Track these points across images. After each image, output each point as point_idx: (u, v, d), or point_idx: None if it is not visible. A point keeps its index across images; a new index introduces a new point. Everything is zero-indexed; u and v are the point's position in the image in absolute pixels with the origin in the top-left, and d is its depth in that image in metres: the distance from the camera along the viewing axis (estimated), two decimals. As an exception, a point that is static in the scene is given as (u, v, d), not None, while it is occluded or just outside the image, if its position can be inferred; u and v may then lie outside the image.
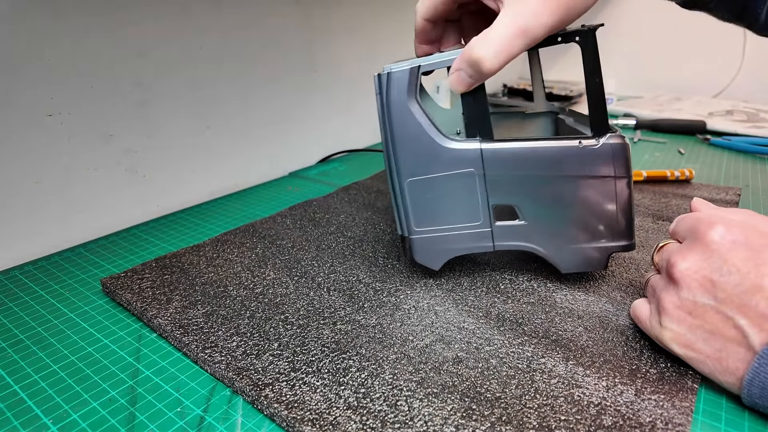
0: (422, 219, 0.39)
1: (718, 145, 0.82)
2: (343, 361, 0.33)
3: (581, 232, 0.38)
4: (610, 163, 0.36)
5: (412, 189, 0.38)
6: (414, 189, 0.38)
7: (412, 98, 0.37)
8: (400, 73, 0.37)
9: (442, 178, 0.38)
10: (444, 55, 0.37)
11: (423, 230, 0.39)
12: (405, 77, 0.37)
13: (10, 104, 0.47)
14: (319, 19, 0.76)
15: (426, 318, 0.37)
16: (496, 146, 0.37)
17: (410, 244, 0.40)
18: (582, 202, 0.37)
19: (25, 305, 0.42)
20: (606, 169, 0.36)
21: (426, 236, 0.39)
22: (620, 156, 0.36)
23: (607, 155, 0.36)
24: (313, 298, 0.40)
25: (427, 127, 0.37)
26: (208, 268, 0.45)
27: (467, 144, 0.37)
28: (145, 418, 0.30)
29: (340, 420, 0.28)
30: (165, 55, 0.58)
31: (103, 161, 0.55)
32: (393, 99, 0.37)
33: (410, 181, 0.38)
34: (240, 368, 0.32)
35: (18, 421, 0.30)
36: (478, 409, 0.28)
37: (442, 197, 0.38)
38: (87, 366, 0.34)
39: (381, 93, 0.37)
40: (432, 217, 0.39)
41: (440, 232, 0.39)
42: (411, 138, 0.37)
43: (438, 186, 0.38)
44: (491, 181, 0.38)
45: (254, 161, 0.72)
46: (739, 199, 0.58)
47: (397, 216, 0.40)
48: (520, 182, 0.37)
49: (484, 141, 0.37)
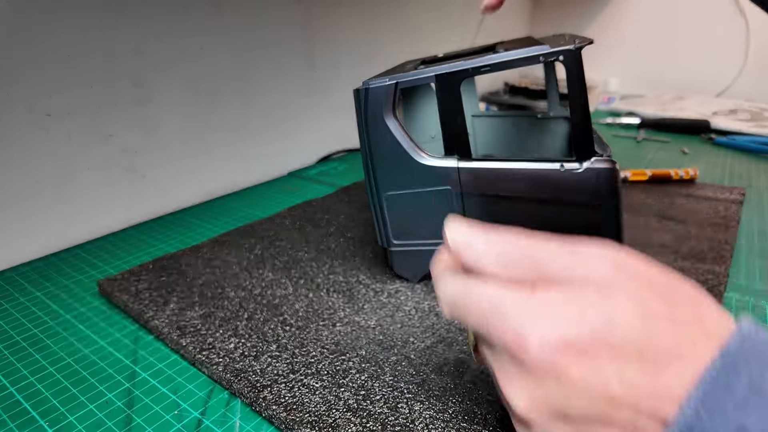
0: (400, 232, 0.40)
1: (721, 145, 0.81)
2: (342, 362, 0.32)
3: None
4: (597, 190, 0.34)
5: (391, 202, 0.39)
6: (392, 202, 0.39)
7: (389, 113, 0.37)
8: (378, 88, 0.37)
9: (419, 194, 0.38)
10: (423, 72, 0.36)
11: (401, 243, 0.40)
12: (383, 92, 0.37)
13: (10, 104, 0.46)
14: (319, 19, 0.75)
15: (427, 319, 0.36)
16: (473, 165, 0.36)
17: (390, 255, 0.41)
18: (565, 228, 0.33)
19: (22, 306, 0.41)
20: (593, 196, 0.34)
21: (404, 249, 0.40)
22: (606, 182, 0.33)
23: (591, 180, 0.33)
24: (313, 299, 0.39)
25: (405, 143, 0.37)
26: (205, 270, 0.44)
27: (444, 162, 0.37)
28: (142, 420, 0.29)
29: (340, 422, 0.27)
30: (164, 54, 0.57)
31: (102, 161, 0.54)
32: (371, 113, 0.37)
33: (388, 194, 0.39)
34: (238, 370, 0.31)
35: (14, 423, 0.29)
36: (480, 411, 0.28)
37: (420, 212, 0.39)
38: (83, 368, 0.34)
39: (359, 107, 0.37)
40: (409, 231, 0.39)
41: (417, 247, 0.40)
42: (389, 152, 0.37)
43: (415, 201, 0.38)
44: (468, 199, 0.37)
45: (254, 161, 0.71)
46: (744, 199, 0.58)
47: (377, 227, 0.40)
48: (499, 203, 0.36)
49: (461, 160, 0.36)
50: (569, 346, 0.19)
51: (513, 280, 0.22)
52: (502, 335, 0.21)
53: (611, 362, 0.19)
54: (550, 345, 0.19)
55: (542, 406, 0.20)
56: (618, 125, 0.93)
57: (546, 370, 0.20)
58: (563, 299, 0.20)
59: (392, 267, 0.41)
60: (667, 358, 0.18)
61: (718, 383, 0.17)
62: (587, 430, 0.20)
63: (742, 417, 0.16)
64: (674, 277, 0.20)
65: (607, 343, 0.19)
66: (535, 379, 0.20)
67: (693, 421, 0.17)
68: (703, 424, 0.17)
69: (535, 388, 0.20)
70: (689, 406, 0.17)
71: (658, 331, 0.18)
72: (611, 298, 0.19)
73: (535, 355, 0.20)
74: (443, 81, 0.35)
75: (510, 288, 0.21)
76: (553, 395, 0.20)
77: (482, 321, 0.21)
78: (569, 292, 0.20)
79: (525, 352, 0.20)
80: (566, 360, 0.19)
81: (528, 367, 0.20)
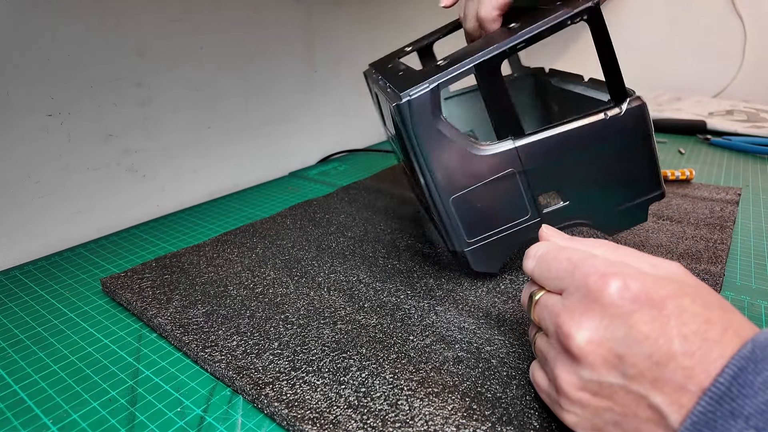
0: (474, 230, 0.38)
1: (718, 145, 0.82)
2: (343, 360, 0.32)
3: (621, 195, 0.39)
4: (635, 125, 0.37)
5: (458, 205, 0.37)
6: (460, 204, 0.37)
7: (438, 118, 0.35)
8: (421, 97, 0.34)
9: (485, 186, 0.37)
10: (461, 66, 0.35)
11: (477, 240, 0.39)
12: (427, 100, 0.35)
13: (10, 104, 0.47)
14: (319, 18, 0.76)
15: (427, 318, 0.37)
16: (529, 141, 0.37)
17: (466, 256, 0.39)
18: (617, 167, 0.38)
19: (25, 305, 0.42)
20: (633, 132, 0.37)
21: (481, 245, 0.39)
22: (642, 117, 0.37)
23: (631, 119, 0.37)
24: (314, 297, 0.40)
25: (461, 141, 0.36)
26: (208, 268, 0.45)
27: (501, 146, 0.37)
28: (145, 418, 0.30)
29: (341, 419, 0.28)
30: (165, 54, 0.57)
31: (103, 161, 0.55)
32: (419, 125, 0.35)
33: (454, 197, 0.37)
34: (240, 367, 0.32)
35: (18, 421, 0.30)
36: (479, 408, 0.28)
37: (489, 203, 0.38)
38: (87, 366, 0.34)
39: (404, 122, 0.35)
40: (483, 225, 0.38)
41: (494, 237, 0.39)
42: (447, 157, 0.36)
43: (482, 194, 0.37)
44: (531, 174, 0.37)
45: (254, 161, 0.72)
46: (740, 199, 0.58)
47: (445, 233, 0.39)
48: (559, 167, 0.38)
49: (517, 139, 0.37)
50: (648, 299, 0.22)
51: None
52: (586, 277, 0.24)
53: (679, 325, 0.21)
54: (631, 291, 0.22)
55: (603, 343, 0.23)
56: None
57: (620, 312, 0.22)
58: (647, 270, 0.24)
59: (470, 267, 0.40)
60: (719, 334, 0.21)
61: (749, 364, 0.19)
62: (633, 382, 0.22)
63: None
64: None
65: (680, 307, 0.22)
66: (606, 318, 0.23)
67: (724, 391, 0.19)
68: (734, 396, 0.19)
69: (602, 325, 0.23)
70: (724, 378, 0.20)
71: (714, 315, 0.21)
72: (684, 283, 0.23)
73: (615, 295, 0.23)
74: (483, 69, 0.35)
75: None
76: (617, 336, 0.22)
77: (569, 267, 0.25)
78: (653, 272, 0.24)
79: (605, 292, 0.23)
80: (641, 309, 0.22)
81: (602, 305, 0.23)
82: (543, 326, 0.26)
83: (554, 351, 0.25)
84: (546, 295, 0.26)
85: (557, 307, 0.25)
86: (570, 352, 0.23)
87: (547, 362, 0.26)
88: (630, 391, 0.22)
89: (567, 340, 0.23)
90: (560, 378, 0.24)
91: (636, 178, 0.39)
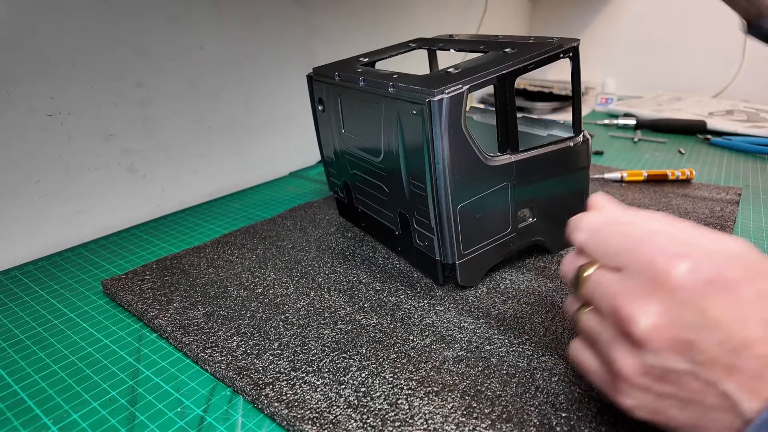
0: (469, 241, 0.38)
1: (718, 145, 0.82)
2: (343, 360, 0.33)
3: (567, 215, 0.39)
4: (584, 155, 0.43)
5: (463, 214, 0.37)
6: (464, 213, 0.37)
7: (463, 120, 0.34)
8: (455, 97, 0.33)
9: (485, 197, 0.38)
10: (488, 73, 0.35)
11: (468, 252, 0.39)
12: (459, 101, 0.34)
13: (10, 104, 0.47)
14: (319, 19, 0.76)
15: (426, 318, 0.37)
16: (521, 157, 0.39)
17: (457, 269, 0.39)
18: (568, 190, 0.43)
19: (26, 305, 0.42)
20: (582, 160, 0.43)
21: (470, 258, 0.39)
22: (587, 147, 0.43)
23: (584, 147, 0.43)
24: (314, 298, 0.40)
25: (476, 148, 0.36)
26: (208, 270, 0.45)
27: (504, 158, 0.38)
28: (146, 418, 0.30)
29: (341, 419, 0.28)
30: (165, 55, 0.58)
31: (103, 161, 0.55)
32: (447, 125, 0.34)
33: (461, 206, 0.37)
34: (240, 368, 0.32)
35: (18, 420, 0.30)
36: (478, 406, 0.28)
37: (484, 215, 0.38)
38: (87, 366, 0.34)
39: (433, 120, 0.33)
40: (476, 237, 0.39)
41: (481, 250, 0.39)
42: (465, 162, 0.35)
43: (482, 205, 0.38)
44: (517, 189, 0.39)
45: (254, 161, 0.72)
46: (740, 199, 0.58)
47: (443, 246, 0.38)
48: (535, 185, 0.40)
49: (513, 154, 0.38)
50: (721, 282, 0.20)
51: None
52: (651, 257, 0.22)
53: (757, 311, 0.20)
54: (702, 274, 0.21)
55: (670, 328, 0.21)
56: (615, 126, 0.93)
57: (690, 296, 0.21)
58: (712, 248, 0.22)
59: (457, 280, 0.39)
60: None
61: None
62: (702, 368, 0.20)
63: None
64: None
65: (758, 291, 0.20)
66: (674, 302, 0.21)
67: None
68: None
69: (669, 309, 0.21)
70: None
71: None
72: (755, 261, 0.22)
73: (685, 278, 0.21)
74: (503, 80, 0.36)
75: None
76: (687, 322, 0.21)
77: (629, 244, 0.23)
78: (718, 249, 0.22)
79: (673, 274, 0.21)
80: (713, 293, 0.20)
81: (670, 288, 0.21)
82: (595, 304, 0.24)
83: (609, 332, 0.23)
84: (599, 271, 0.24)
85: (614, 287, 0.23)
86: (631, 336, 0.22)
87: (599, 343, 0.24)
88: (698, 378, 0.21)
89: (629, 324, 0.22)
90: (619, 362, 0.22)
91: (579, 201, 0.42)
